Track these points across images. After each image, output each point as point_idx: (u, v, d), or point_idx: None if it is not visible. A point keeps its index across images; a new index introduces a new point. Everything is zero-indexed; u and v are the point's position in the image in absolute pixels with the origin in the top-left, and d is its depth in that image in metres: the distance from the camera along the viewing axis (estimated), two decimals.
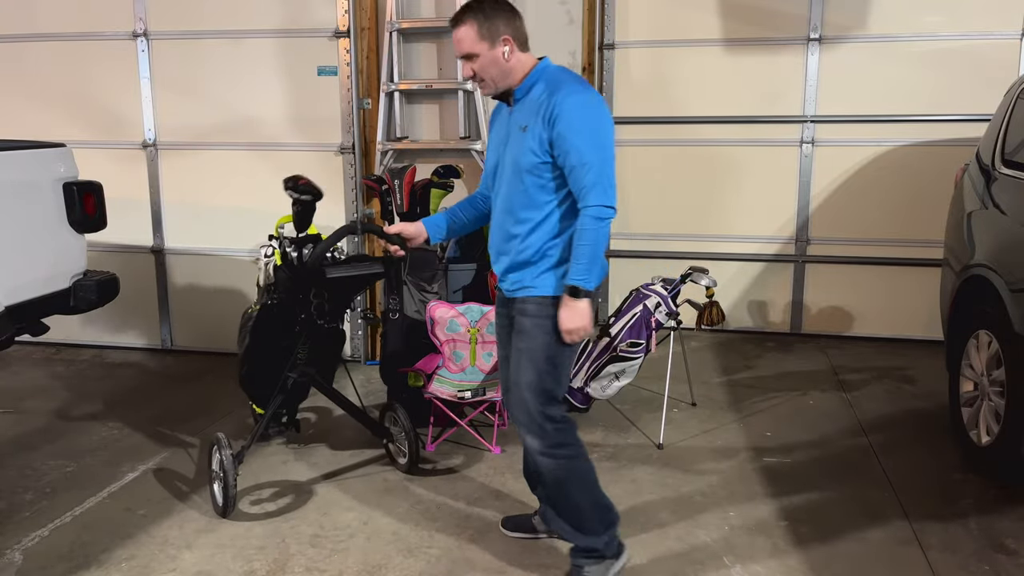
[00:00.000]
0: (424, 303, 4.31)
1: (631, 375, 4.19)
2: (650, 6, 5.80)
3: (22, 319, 3.53)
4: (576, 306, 2.67)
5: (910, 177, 5.62)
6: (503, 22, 2.69)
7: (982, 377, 3.77)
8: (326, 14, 5.14)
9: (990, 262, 3.69)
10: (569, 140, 2.61)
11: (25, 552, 3.24)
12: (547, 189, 2.71)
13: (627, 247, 6.10)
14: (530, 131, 2.68)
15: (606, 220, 2.65)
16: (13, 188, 3.53)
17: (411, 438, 3.77)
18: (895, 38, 5.51)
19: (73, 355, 5.66)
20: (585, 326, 2.68)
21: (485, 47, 2.70)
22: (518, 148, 2.72)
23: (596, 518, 2.89)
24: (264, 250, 3.77)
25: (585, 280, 2.65)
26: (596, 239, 2.65)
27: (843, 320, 5.89)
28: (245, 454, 3.59)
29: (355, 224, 3.53)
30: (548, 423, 2.79)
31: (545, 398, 2.78)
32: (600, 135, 2.65)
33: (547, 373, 2.76)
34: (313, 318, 3.62)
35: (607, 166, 2.64)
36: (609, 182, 2.64)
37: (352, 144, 5.24)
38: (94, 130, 5.53)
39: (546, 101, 2.66)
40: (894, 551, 3.16)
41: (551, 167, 2.68)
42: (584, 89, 2.71)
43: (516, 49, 2.72)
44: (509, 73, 2.73)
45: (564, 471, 2.83)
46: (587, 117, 2.64)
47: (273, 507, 3.56)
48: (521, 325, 2.80)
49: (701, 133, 5.87)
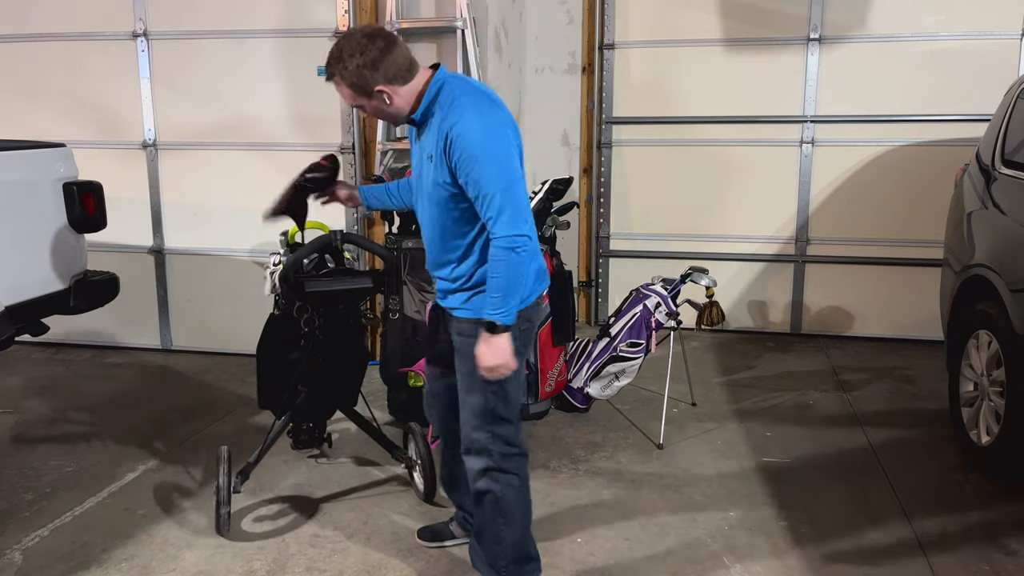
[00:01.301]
0: (424, 303, 4.31)
1: (631, 375, 4.19)
2: (650, 6, 5.80)
3: (22, 319, 3.52)
4: (494, 342, 2.48)
5: (910, 177, 5.62)
6: (370, 73, 2.45)
7: (982, 377, 3.77)
8: (326, 14, 5.14)
9: (990, 262, 3.69)
10: (466, 172, 2.43)
11: (25, 552, 3.24)
12: (466, 219, 2.56)
13: (627, 247, 6.10)
14: (435, 162, 2.51)
15: (518, 250, 2.44)
16: (13, 188, 3.53)
17: (427, 474, 3.53)
18: (895, 38, 5.51)
19: (73, 355, 5.66)
20: (506, 363, 2.49)
21: (364, 100, 2.53)
22: (429, 179, 2.56)
23: (513, 560, 2.75)
24: (272, 258, 3.61)
25: (502, 314, 2.46)
26: (508, 270, 2.45)
27: (843, 320, 5.89)
28: (251, 471, 3.46)
29: (333, 235, 3.31)
30: (495, 444, 2.66)
31: (493, 418, 2.64)
32: (498, 159, 2.44)
33: (493, 394, 2.62)
34: (315, 331, 3.45)
35: (511, 191, 2.43)
36: (515, 209, 2.43)
37: (352, 144, 5.24)
38: (94, 130, 5.53)
39: (440, 127, 2.48)
40: (894, 551, 3.16)
41: (462, 197, 2.51)
42: (476, 107, 2.47)
43: (398, 88, 2.50)
44: (399, 111, 2.55)
45: (500, 499, 2.69)
46: (481, 142, 2.42)
47: (273, 507, 3.56)
48: (458, 343, 2.67)
49: (701, 133, 5.87)
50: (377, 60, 2.45)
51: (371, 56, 2.45)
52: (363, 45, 2.45)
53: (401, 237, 4.57)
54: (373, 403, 4.00)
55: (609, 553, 3.18)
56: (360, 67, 2.45)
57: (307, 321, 3.42)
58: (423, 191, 2.64)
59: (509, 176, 2.45)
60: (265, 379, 3.71)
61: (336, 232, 3.32)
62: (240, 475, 3.37)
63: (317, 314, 3.42)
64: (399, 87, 2.51)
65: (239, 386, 4.98)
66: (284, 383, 3.56)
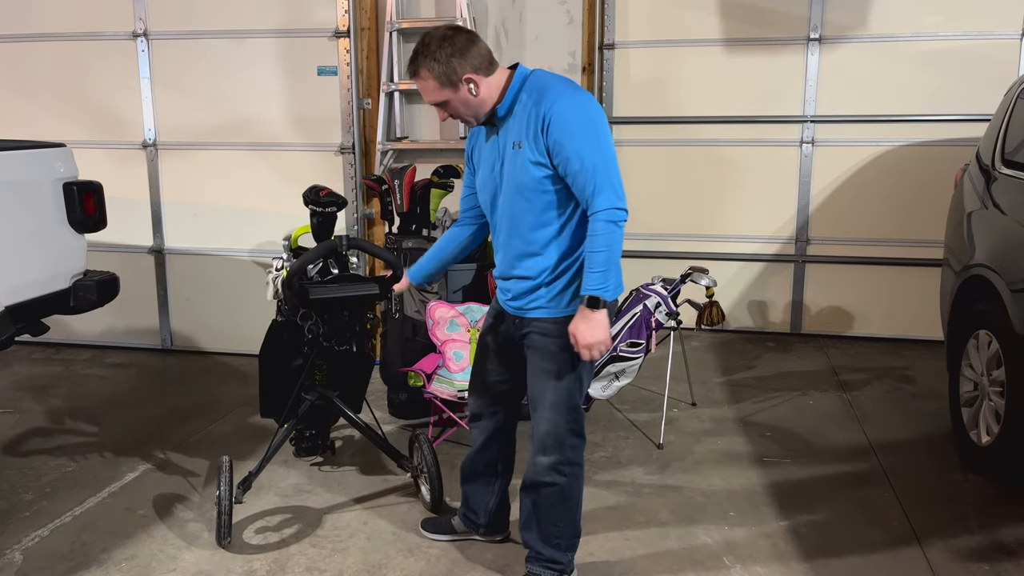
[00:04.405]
0: (424, 303, 4.31)
1: (631, 375, 4.19)
2: (650, 6, 5.80)
3: (22, 319, 3.52)
4: (594, 318, 2.51)
5: (910, 177, 5.62)
6: (458, 62, 2.52)
7: (982, 377, 3.77)
8: (326, 14, 5.14)
9: (990, 262, 3.69)
10: (567, 146, 2.48)
11: (25, 552, 3.24)
12: (554, 204, 2.58)
13: (627, 247, 5.96)
14: (525, 146, 2.54)
15: (619, 223, 2.50)
16: (13, 188, 3.53)
17: (435, 485, 3.47)
18: (895, 38, 5.51)
19: (73, 355, 5.66)
20: (604, 339, 2.53)
21: (449, 93, 2.57)
22: (516, 167, 2.58)
23: (569, 536, 2.86)
24: (275, 263, 3.53)
25: (603, 289, 2.50)
26: (611, 244, 2.50)
27: (843, 320, 5.89)
28: (253, 481, 3.40)
29: (339, 241, 3.22)
30: (571, 438, 2.74)
31: (574, 414, 2.73)
32: (598, 135, 2.51)
33: (576, 390, 2.71)
34: (319, 338, 3.38)
35: (611, 166, 2.50)
36: (616, 182, 2.50)
37: (352, 144, 5.24)
38: (94, 130, 5.53)
39: (534, 111, 2.52)
40: (894, 551, 3.16)
41: (554, 179, 2.55)
42: (572, 90, 2.57)
43: (483, 79, 2.57)
44: (483, 104, 2.60)
45: (564, 489, 2.79)
46: (581, 119, 2.50)
47: (273, 508, 3.56)
48: (540, 344, 2.69)
49: (701, 133, 5.87)
50: (464, 50, 2.54)
51: (459, 46, 2.54)
52: (449, 36, 2.55)
53: (401, 237, 4.58)
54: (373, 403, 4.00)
55: (609, 553, 3.18)
56: (449, 56, 2.52)
57: (311, 328, 3.37)
58: (505, 185, 2.65)
59: (609, 150, 2.52)
60: (267, 387, 3.69)
61: (341, 237, 3.24)
62: (241, 485, 3.32)
63: (321, 320, 3.37)
64: (484, 78, 2.57)
65: (239, 386, 4.98)
66: (287, 391, 3.52)
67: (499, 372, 2.94)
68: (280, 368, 3.63)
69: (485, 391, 3.01)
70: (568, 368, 2.67)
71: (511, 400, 3.00)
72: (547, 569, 2.87)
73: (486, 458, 3.09)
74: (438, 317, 4.14)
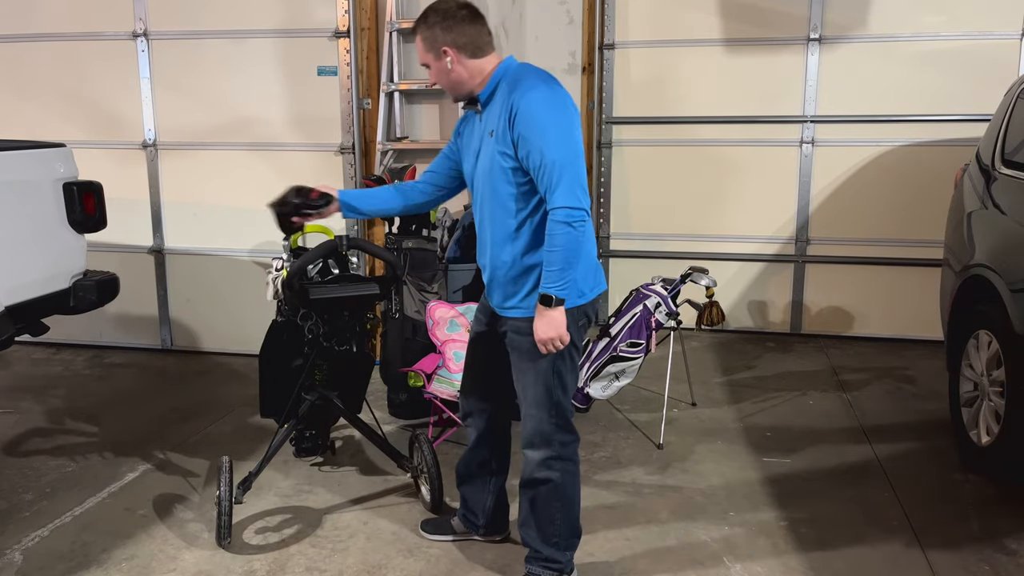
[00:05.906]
0: (424, 303, 4.31)
1: (631, 375, 4.19)
2: (650, 6, 5.80)
3: (22, 319, 3.52)
4: (547, 314, 2.54)
5: (910, 177, 5.62)
6: (441, 32, 2.60)
7: (982, 377, 3.77)
8: (326, 14, 5.14)
9: (990, 262, 3.69)
10: (531, 140, 2.47)
11: (25, 552, 3.24)
12: (518, 197, 2.59)
13: (627, 247, 6.10)
14: (496, 135, 2.57)
15: (574, 224, 2.47)
16: (13, 188, 3.53)
17: (435, 485, 3.46)
18: (895, 38, 5.51)
19: (73, 355, 5.66)
20: (559, 336, 2.56)
21: (432, 59, 2.65)
22: (488, 155, 2.62)
23: (567, 535, 2.86)
24: (275, 263, 3.51)
25: (558, 288, 2.51)
26: (566, 244, 2.48)
27: (843, 320, 5.89)
28: (253, 481, 3.39)
29: (339, 241, 3.23)
30: (559, 434, 2.76)
31: (557, 410, 2.74)
32: (563, 132, 2.49)
33: (556, 386, 2.72)
34: (319, 339, 3.39)
35: (573, 164, 2.48)
36: (576, 181, 2.47)
37: (352, 144, 5.24)
38: (94, 130, 5.53)
39: (506, 102, 2.54)
40: (894, 551, 3.16)
41: (520, 172, 2.56)
42: (544, 83, 2.55)
43: (463, 58, 2.61)
44: (458, 83, 2.65)
45: (559, 485, 2.80)
46: (548, 114, 2.48)
47: (273, 508, 3.56)
48: (516, 343, 2.73)
49: (701, 133, 5.87)
50: (453, 25, 2.60)
51: (451, 20, 2.61)
52: (450, 10, 2.62)
53: (401, 237, 4.58)
54: (373, 403, 3.99)
55: (609, 553, 3.18)
56: (435, 23, 2.61)
57: (311, 328, 3.38)
58: (479, 172, 2.69)
59: (572, 148, 2.50)
60: (267, 387, 3.69)
61: (342, 237, 3.25)
62: (241, 486, 3.31)
63: (321, 320, 3.38)
64: (465, 58, 2.62)
65: (239, 386, 4.98)
66: (287, 391, 3.52)
67: (488, 370, 2.96)
68: (280, 368, 3.63)
69: (474, 389, 3.03)
70: (545, 366, 2.69)
71: (501, 398, 3.01)
72: (546, 569, 2.88)
73: (479, 457, 3.10)
74: (438, 317, 4.14)
